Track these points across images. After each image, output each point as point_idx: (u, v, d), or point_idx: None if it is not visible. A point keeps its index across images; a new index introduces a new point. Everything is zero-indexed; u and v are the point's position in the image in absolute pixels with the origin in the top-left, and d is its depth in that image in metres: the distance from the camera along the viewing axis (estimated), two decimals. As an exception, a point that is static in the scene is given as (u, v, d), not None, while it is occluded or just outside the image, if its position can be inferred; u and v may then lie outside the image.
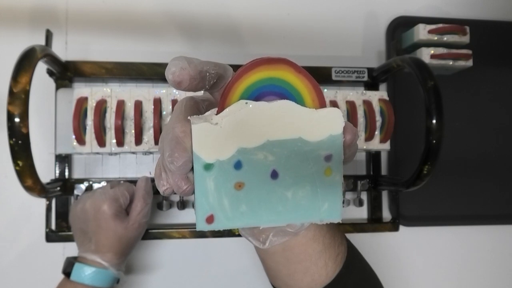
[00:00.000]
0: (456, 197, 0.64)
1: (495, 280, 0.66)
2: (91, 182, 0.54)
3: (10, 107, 0.39)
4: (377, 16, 0.65)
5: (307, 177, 0.26)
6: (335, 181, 0.26)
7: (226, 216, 0.26)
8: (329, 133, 0.26)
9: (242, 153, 0.25)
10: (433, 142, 0.46)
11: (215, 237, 0.56)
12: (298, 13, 0.64)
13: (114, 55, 0.59)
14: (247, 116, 0.25)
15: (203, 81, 0.25)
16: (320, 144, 0.26)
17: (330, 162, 0.26)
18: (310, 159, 0.26)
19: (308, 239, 0.33)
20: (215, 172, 0.25)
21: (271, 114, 0.25)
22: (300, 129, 0.26)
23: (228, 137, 0.25)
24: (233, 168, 0.25)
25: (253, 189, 0.26)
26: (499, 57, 0.67)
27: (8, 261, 0.56)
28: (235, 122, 0.25)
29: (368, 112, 0.54)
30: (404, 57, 0.52)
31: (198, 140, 0.24)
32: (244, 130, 0.25)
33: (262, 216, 0.26)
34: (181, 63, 0.24)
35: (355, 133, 0.26)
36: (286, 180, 0.26)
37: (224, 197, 0.26)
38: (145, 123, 0.51)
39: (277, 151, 0.26)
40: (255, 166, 0.26)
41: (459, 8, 0.67)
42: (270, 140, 0.25)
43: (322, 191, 0.27)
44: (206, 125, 0.24)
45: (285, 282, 0.36)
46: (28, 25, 0.58)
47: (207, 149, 0.25)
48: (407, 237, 0.63)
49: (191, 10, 0.61)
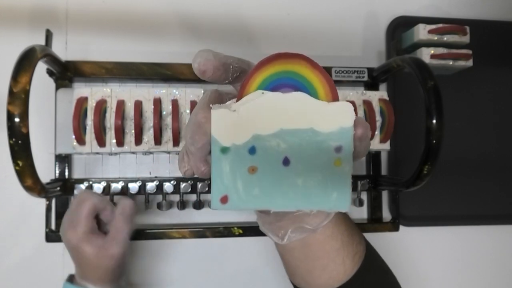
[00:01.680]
0: (456, 197, 0.64)
1: (495, 280, 0.66)
2: (91, 182, 0.54)
3: (10, 107, 0.39)
4: (377, 16, 0.65)
5: (317, 166, 0.28)
6: (344, 171, 0.28)
7: (239, 198, 0.28)
8: (340, 125, 0.27)
9: (256, 139, 0.27)
10: (433, 142, 0.46)
11: (215, 237, 0.56)
12: (298, 13, 0.64)
13: (114, 55, 0.59)
14: (263, 105, 0.27)
15: (226, 73, 0.28)
16: (331, 135, 0.27)
17: (340, 153, 0.27)
18: (321, 149, 0.27)
19: (326, 236, 0.34)
20: (231, 156, 0.27)
21: (285, 104, 0.27)
22: (312, 120, 0.27)
23: (244, 124, 0.27)
24: (247, 153, 0.27)
25: (266, 174, 0.27)
26: (499, 57, 0.67)
27: (8, 261, 0.56)
28: (252, 110, 0.27)
29: (368, 112, 0.54)
30: (404, 57, 0.52)
31: (216, 125, 0.27)
32: (260, 118, 0.27)
33: (273, 200, 0.28)
34: (206, 54, 0.27)
35: (366, 127, 0.27)
36: (297, 167, 0.27)
37: (239, 180, 0.27)
38: (145, 123, 0.51)
39: (290, 139, 0.27)
40: (268, 152, 0.27)
41: (459, 8, 0.67)
42: (283, 129, 0.27)
43: (332, 180, 0.28)
44: (225, 111, 0.27)
45: (304, 278, 0.36)
46: (28, 25, 0.58)
47: (224, 133, 0.27)
48: (407, 237, 0.63)
49: (191, 10, 0.61)
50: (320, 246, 0.34)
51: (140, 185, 0.55)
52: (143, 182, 0.55)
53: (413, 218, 0.63)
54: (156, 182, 0.55)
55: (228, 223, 0.60)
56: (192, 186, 0.56)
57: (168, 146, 0.51)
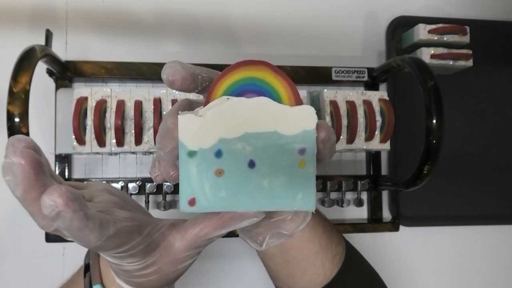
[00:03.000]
0: (456, 197, 0.64)
1: (495, 280, 0.66)
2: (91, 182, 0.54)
3: (10, 107, 0.39)
4: (377, 16, 0.65)
5: (282, 167, 0.28)
6: (308, 173, 0.28)
7: (206, 200, 0.28)
8: (303, 128, 0.28)
9: (222, 143, 0.28)
10: (433, 142, 0.46)
11: (215, 237, 0.56)
12: (298, 13, 0.64)
13: (114, 55, 0.59)
14: (228, 110, 0.28)
15: (195, 82, 0.29)
16: (294, 138, 0.28)
17: (304, 155, 0.28)
18: (285, 151, 0.28)
19: (303, 241, 0.35)
20: (198, 159, 0.28)
21: (249, 109, 0.28)
22: (275, 123, 0.28)
23: (210, 128, 0.28)
24: (214, 156, 0.28)
25: (232, 176, 0.28)
26: (499, 57, 0.67)
27: (8, 261, 0.56)
28: (217, 115, 0.28)
29: (368, 112, 0.54)
30: (404, 57, 0.52)
31: (183, 129, 0.28)
32: (225, 122, 0.28)
33: (239, 202, 0.28)
34: (174, 65, 0.28)
35: (328, 130, 0.28)
36: (262, 169, 0.28)
37: (206, 182, 0.28)
38: (145, 123, 0.51)
39: (255, 142, 0.28)
40: (234, 155, 0.28)
41: (459, 8, 0.67)
42: (248, 132, 0.28)
43: (296, 181, 0.28)
44: (191, 116, 0.28)
45: (286, 282, 0.37)
46: (28, 25, 0.58)
47: (191, 137, 0.28)
48: (407, 237, 0.63)
49: (191, 10, 0.61)
50: (299, 250, 0.35)
51: (140, 185, 0.55)
52: (143, 182, 0.55)
53: (413, 218, 0.63)
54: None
55: (228, 223, 0.59)
56: (192, 186, 0.56)
57: (168, 146, 0.51)
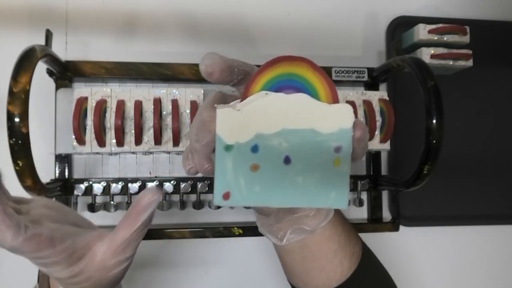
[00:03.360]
0: (456, 197, 0.64)
1: (495, 280, 0.66)
2: (91, 182, 0.54)
3: (10, 107, 0.39)
4: (377, 16, 0.65)
5: (317, 165, 0.28)
6: (343, 171, 0.28)
7: (241, 194, 0.28)
8: (339, 126, 0.28)
9: (259, 138, 0.28)
10: (433, 142, 0.46)
11: (215, 237, 0.56)
12: (298, 13, 0.64)
13: (114, 55, 0.59)
14: (266, 105, 0.28)
15: (231, 75, 0.29)
16: (331, 136, 0.28)
17: (339, 154, 0.28)
18: (321, 149, 0.28)
19: (324, 238, 0.35)
20: (234, 153, 0.28)
21: (287, 105, 0.28)
22: (313, 121, 0.28)
23: (248, 123, 0.28)
24: (250, 151, 0.28)
25: (267, 171, 0.28)
26: (499, 57, 0.67)
27: (8, 261, 0.56)
28: (255, 110, 0.28)
29: (368, 112, 0.54)
30: (404, 57, 0.52)
31: (221, 123, 0.28)
32: (263, 117, 0.28)
33: (273, 197, 0.28)
34: (213, 56, 0.28)
35: (364, 129, 0.28)
36: (297, 166, 0.28)
37: (241, 177, 0.28)
38: (145, 123, 0.51)
39: (291, 139, 0.28)
40: (270, 150, 0.28)
41: (459, 8, 0.67)
42: (285, 128, 0.28)
43: (330, 179, 0.28)
44: (230, 110, 0.28)
45: (302, 279, 0.37)
46: (28, 25, 0.58)
47: (228, 131, 0.28)
48: (407, 237, 0.63)
49: (191, 10, 0.61)
50: (318, 247, 0.35)
51: (140, 185, 0.55)
52: (143, 182, 0.55)
53: (413, 218, 0.63)
54: (156, 182, 0.55)
55: (228, 223, 0.60)
56: (192, 186, 0.56)
57: (168, 146, 0.51)
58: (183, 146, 0.51)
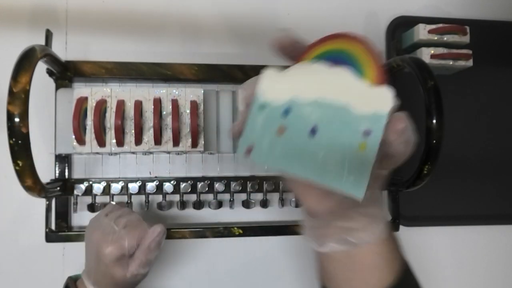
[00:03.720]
0: (456, 197, 0.64)
1: (495, 280, 0.66)
2: (91, 182, 0.54)
3: (10, 107, 0.39)
4: (377, 16, 0.65)
5: (341, 144, 0.27)
6: (367, 157, 0.27)
7: (261, 153, 0.29)
8: (375, 110, 0.27)
9: (293, 102, 0.29)
10: (433, 142, 0.46)
11: (215, 237, 0.56)
12: (298, 13, 0.64)
13: (114, 55, 0.59)
14: (308, 73, 0.29)
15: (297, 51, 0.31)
16: (363, 117, 0.27)
17: (367, 138, 0.27)
18: (350, 128, 0.27)
19: (372, 253, 0.34)
20: (267, 112, 0.29)
21: (329, 77, 0.28)
22: (349, 98, 0.28)
23: (286, 86, 0.29)
24: (282, 113, 0.29)
25: (291, 137, 0.28)
26: (499, 57, 0.67)
27: (8, 261, 0.56)
28: (297, 75, 0.29)
29: (368, 112, 0.54)
30: (404, 57, 0.52)
31: (263, 81, 0.29)
32: (302, 83, 0.29)
33: (290, 164, 0.28)
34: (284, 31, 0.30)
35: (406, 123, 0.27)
36: (322, 139, 0.28)
37: (267, 137, 0.29)
38: (145, 123, 0.51)
39: (323, 111, 0.28)
40: (300, 117, 0.28)
41: (459, 8, 0.67)
42: (320, 98, 0.28)
43: (352, 163, 0.27)
44: (274, 72, 0.29)
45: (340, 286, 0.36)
46: (28, 25, 0.58)
47: (267, 90, 0.29)
48: (407, 237, 0.63)
49: (191, 10, 0.61)
50: (364, 260, 0.34)
51: (140, 185, 0.55)
52: (143, 182, 0.55)
53: (413, 218, 0.63)
54: (156, 182, 0.55)
55: (228, 223, 0.60)
56: (192, 186, 0.56)
57: (168, 146, 0.51)
58: (183, 146, 0.51)
